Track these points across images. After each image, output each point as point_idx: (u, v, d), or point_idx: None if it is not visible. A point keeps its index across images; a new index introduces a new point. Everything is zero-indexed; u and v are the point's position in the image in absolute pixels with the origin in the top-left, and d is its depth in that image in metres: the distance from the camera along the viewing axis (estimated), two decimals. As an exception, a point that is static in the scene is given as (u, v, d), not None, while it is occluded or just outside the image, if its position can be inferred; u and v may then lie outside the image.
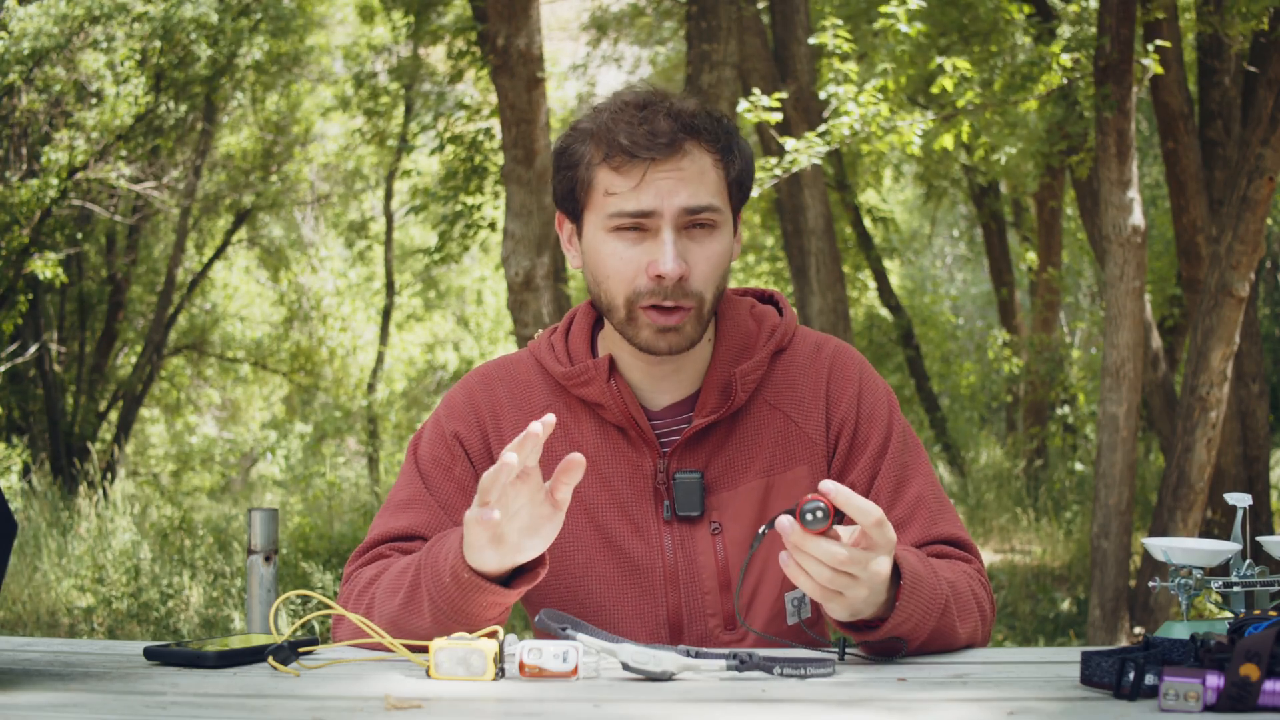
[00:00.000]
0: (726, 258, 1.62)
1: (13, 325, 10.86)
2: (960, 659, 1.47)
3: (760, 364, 1.67)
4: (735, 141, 1.63)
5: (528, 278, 6.83)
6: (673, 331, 1.59)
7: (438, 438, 1.70)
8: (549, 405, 1.69)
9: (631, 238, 1.58)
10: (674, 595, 1.65)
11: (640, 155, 1.55)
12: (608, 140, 1.57)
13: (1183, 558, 1.44)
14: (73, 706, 1.18)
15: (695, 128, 1.58)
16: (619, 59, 14.03)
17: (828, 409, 1.69)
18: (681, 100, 1.61)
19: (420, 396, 18.04)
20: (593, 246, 1.62)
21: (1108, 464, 6.33)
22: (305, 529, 8.38)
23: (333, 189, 16.04)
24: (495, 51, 6.90)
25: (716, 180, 1.60)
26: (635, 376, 1.68)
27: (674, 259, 1.55)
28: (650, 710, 1.19)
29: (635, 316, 1.59)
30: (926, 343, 13.55)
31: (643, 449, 1.66)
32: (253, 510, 1.98)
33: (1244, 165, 6.03)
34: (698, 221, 1.58)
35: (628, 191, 1.56)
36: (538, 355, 1.73)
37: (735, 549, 1.64)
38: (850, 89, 6.13)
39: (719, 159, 1.61)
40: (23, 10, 9.72)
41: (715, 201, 1.59)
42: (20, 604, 7.42)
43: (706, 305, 1.60)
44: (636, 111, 1.58)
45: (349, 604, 1.59)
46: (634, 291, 1.58)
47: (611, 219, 1.58)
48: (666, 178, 1.56)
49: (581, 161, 1.61)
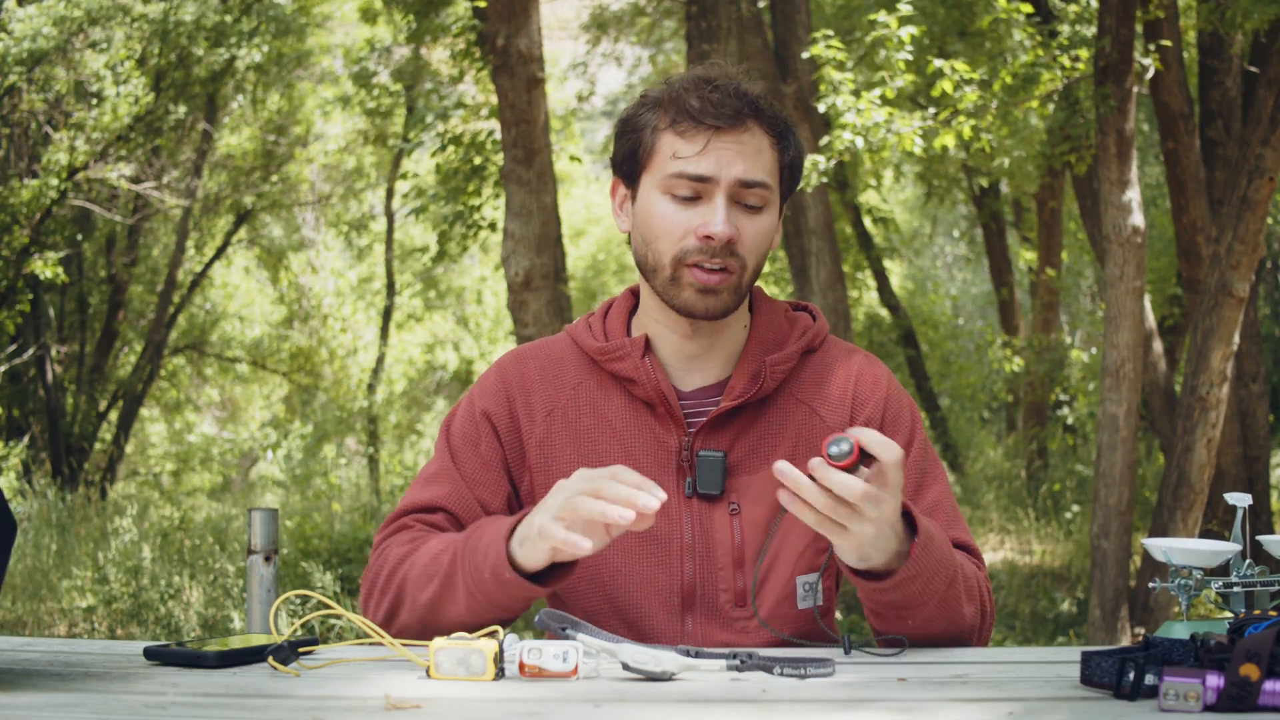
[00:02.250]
0: (770, 236, 1.70)
1: (13, 325, 10.87)
2: (960, 659, 1.47)
3: (791, 356, 1.74)
4: (791, 132, 1.72)
5: (528, 278, 6.83)
6: (712, 294, 1.65)
7: (468, 415, 1.78)
8: (580, 382, 1.76)
9: (685, 202, 1.65)
10: (689, 568, 1.69)
11: (706, 122, 1.63)
12: (677, 105, 1.65)
13: (1183, 559, 1.44)
14: (73, 706, 1.18)
15: (759, 108, 1.67)
16: (619, 59, 14.03)
17: (853, 409, 1.75)
18: (750, 82, 1.70)
19: (420, 396, 18.06)
20: (645, 207, 1.69)
21: (1108, 464, 6.33)
22: (305, 529, 8.38)
23: (333, 189, 16.04)
24: (495, 51, 6.89)
25: (772, 161, 1.68)
26: (667, 355, 1.75)
27: (724, 221, 1.62)
28: (650, 710, 1.19)
29: (680, 276, 1.66)
30: (926, 343, 13.56)
31: (670, 425, 1.71)
32: (253, 510, 1.98)
33: (1244, 165, 6.03)
34: (749, 196, 1.65)
35: (691, 156, 1.64)
36: (574, 335, 1.80)
37: (752, 530, 1.69)
38: (848, 99, 6.14)
39: (776, 142, 1.69)
40: (22, 11, 9.72)
41: (768, 180, 1.67)
42: (20, 604, 7.43)
43: (747, 274, 1.68)
44: (707, 83, 1.66)
45: (378, 582, 1.64)
46: (681, 250, 1.65)
47: (670, 180, 1.65)
48: (728, 148, 1.64)
49: (648, 126, 1.68)
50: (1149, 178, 12.68)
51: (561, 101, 14.75)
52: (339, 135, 14.66)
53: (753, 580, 1.65)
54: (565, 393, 1.76)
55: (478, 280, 18.76)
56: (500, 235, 7.97)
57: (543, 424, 1.75)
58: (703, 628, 1.69)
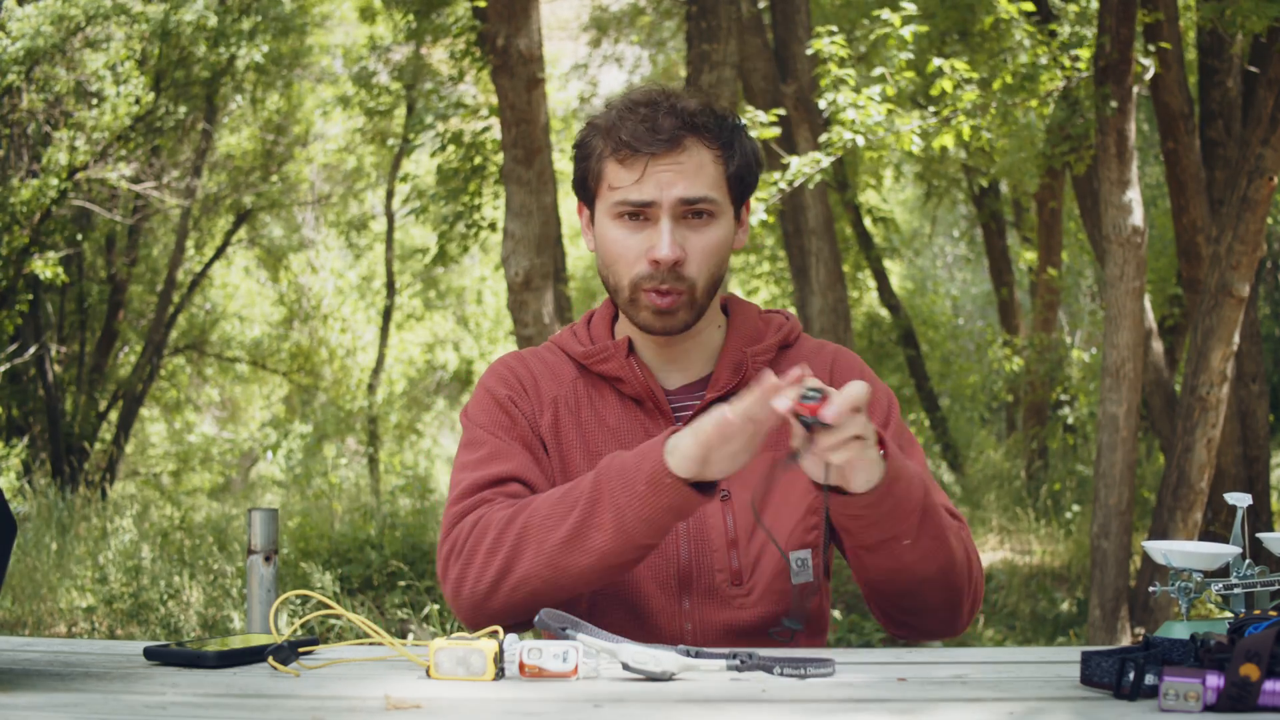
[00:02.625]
0: (724, 246, 1.75)
1: (13, 325, 10.87)
2: (960, 659, 1.47)
3: (770, 348, 1.81)
4: (737, 138, 1.76)
5: (528, 278, 6.83)
6: (667, 314, 1.72)
7: (493, 404, 1.81)
8: (576, 378, 1.82)
9: (634, 225, 1.71)
10: (685, 551, 1.75)
11: (642, 150, 1.69)
12: (614, 136, 1.71)
13: (1183, 561, 1.44)
14: (73, 706, 1.18)
15: (695, 125, 1.71)
16: (619, 59, 14.04)
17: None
18: (686, 99, 1.74)
19: (420, 396, 18.06)
20: (600, 232, 1.76)
21: (1108, 464, 6.32)
22: (305, 529, 8.38)
23: (333, 189, 16.04)
24: (495, 51, 6.89)
25: (715, 174, 1.72)
26: (649, 356, 1.82)
27: (670, 245, 1.69)
28: (650, 710, 1.19)
29: (637, 298, 1.73)
30: (926, 343, 13.56)
31: (659, 419, 1.78)
32: (253, 510, 1.98)
33: (1244, 165, 6.02)
34: (695, 210, 1.70)
35: (630, 184, 1.70)
36: (560, 343, 1.87)
37: (743, 515, 1.76)
38: (849, 95, 6.13)
39: (719, 154, 1.73)
40: (21, 11, 9.72)
41: (712, 194, 1.71)
42: (20, 604, 7.43)
43: (699, 290, 1.73)
44: (642, 109, 1.71)
45: (484, 542, 1.63)
46: (636, 275, 1.72)
47: (615, 207, 1.72)
48: (666, 170, 1.69)
49: (593, 154, 1.75)
50: (1149, 178, 12.67)
51: (562, 102, 14.75)
52: (339, 135, 14.66)
53: (760, 521, 1.73)
54: (565, 386, 1.82)
55: (478, 280, 18.76)
56: (500, 235, 7.97)
57: (550, 412, 1.80)
58: (700, 608, 1.73)
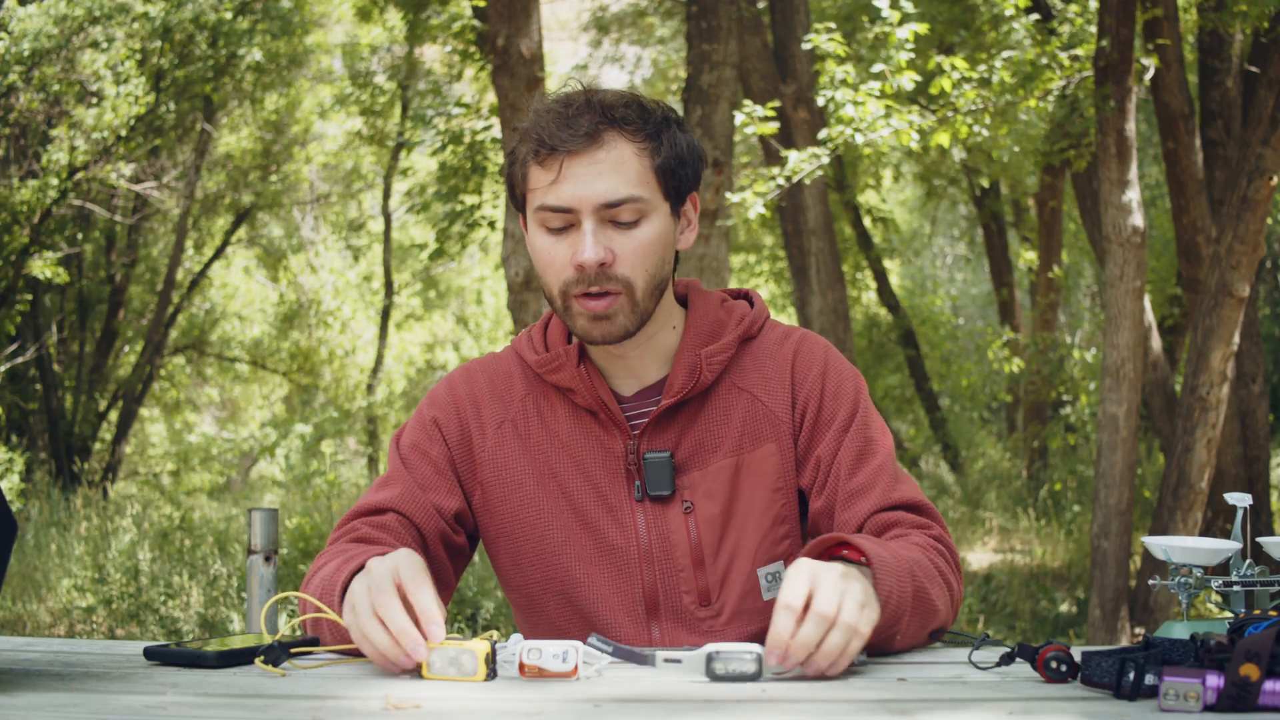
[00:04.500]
0: (659, 244, 1.64)
1: (13, 325, 10.86)
2: (961, 659, 1.47)
3: (727, 346, 1.71)
4: (666, 129, 1.64)
5: (528, 278, 6.83)
6: (604, 319, 1.62)
7: (418, 425, 1.77)
8: (527, 393, 1.75)
9: (558, 232, 1.62)
10: (649, 573, 1.68)
11: (558, 148, 1.59)
12: (534, 136, 1.62)
13: (1183, 556, 1.44)
14: (73, 706, 1.18)
15: (614, 118, 1.61)
16: (619, 59, 14.03)
17: (793, 388, 1.73)
18: (606, 94, 1.64)
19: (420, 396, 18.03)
20: (530, 241, 1.68)
21: (1108, 464, 6.33)
22: (305, 529, 8.38)
23: (332, 189, 16.05)
24: (495, 51, 6.89)
25: (639, 169, 1.61)
26: (603, 362, 1.73)
27: (591, 248, 1.59)
28: (650, 710, 1.19)
29: (570, 306, 1.64)
30: (926, 343, 13.57)
31: (613, 431, 1.70)
32: (253, 510, 1.98)
33: (1244, 165, 6.03)
34: (619, 214, 1.60)
35: (548, 186, 1.60)
36: (517, 348, 1.79)
37: (707, 527, 1.68)
38: (848, 92, 6.13)
39: (643, 146, 1.62)
40: (22, 10, 9.72)
41: (636, 191, 1.61)
42: (20, 604, 7.43)
43: (638, 291, 1.63)
44: (560, 108, 1.62)
45: (310, 575, 1.61)
46: (564, 282, 1.63)
47: (538, 214, 1.63)
48: (583, 170, 1.59)
49: (517, 159, 1.66)
50: (1149, 178, 12.68)
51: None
52: (337, 135, 14.66)
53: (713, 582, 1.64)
54: (514, 405, 1.75)
55: (477, 280, 18.76)
56: (500, 235, 7.97)
57: (494, 437, 1.74)
58: (670, 632, 1.68)
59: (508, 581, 1.78)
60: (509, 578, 1.77)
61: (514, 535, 1.73)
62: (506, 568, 1.77)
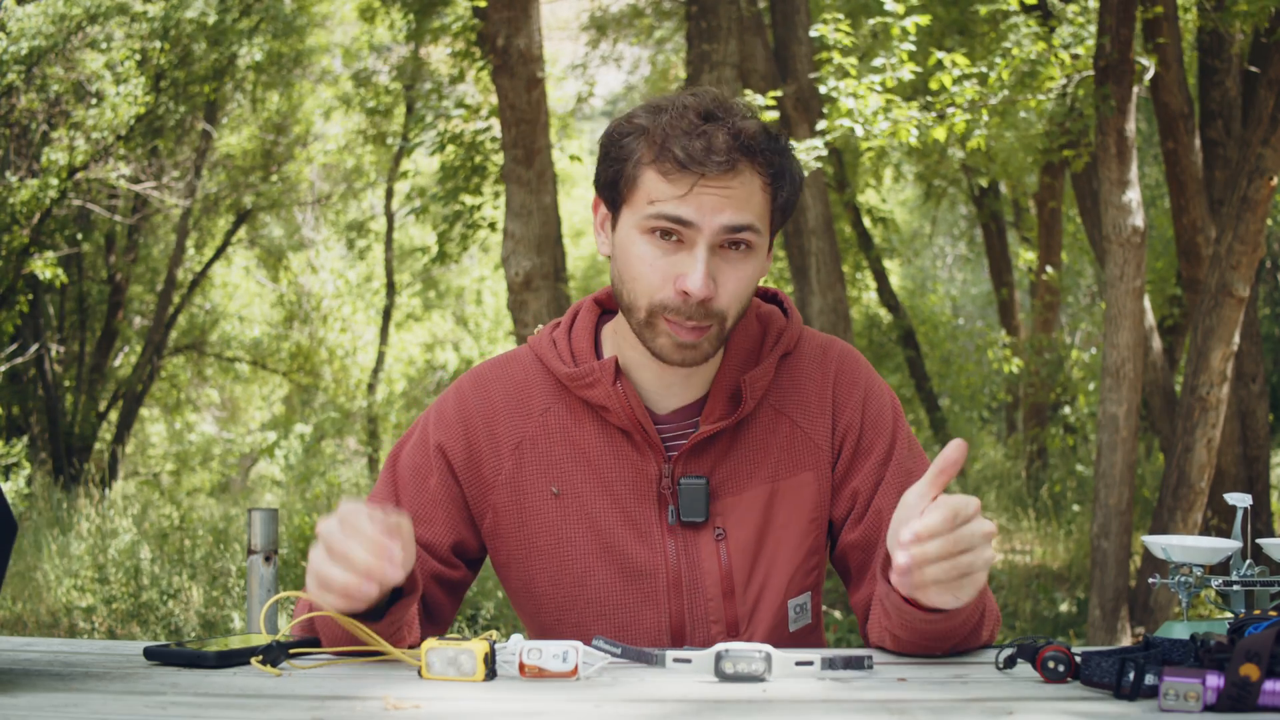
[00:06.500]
0: (756, 279, 1.59)
1: (13, 325, 10.87)
2: (961, 659, 1.47)
3: (768, 370, 1.65)
4: (788, 165, 1.59)
5: (528, 278, 6.83)
6: (690, 348, 1.56)
7: (421, 448, 1.68)
8: (549, 407, 1.66)
9: (665, 244, 1.54)
10: (676, 602, 1.63)
11: (692, 169, 1.51)
12: (662, 145, 1.52)
13: (1183, 555, 1.44)
14: (73, 706, 1.18)
15: (752, 149, 1.53)
16: (619, 59, 14.03)
17: (834, 415, 1.68)
18: (742, 116, 1.56)
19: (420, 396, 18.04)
20: (624, 244, 1.58)
21: (1108, 464, 6.32)
22: (305, 529, 8.38)
23: (333, 189, 16.05)
24: (495, 51, 6.89)
25: (762, 203, 1.56)
26: (642, 378, 1.65)
27: (703, 279, 1.51)
28: (650, 710, 1.19)
29: (655, 324, 1.56)
30: (926, 343, 13.57)
31: (647, 453, 1.62)
32: (253, 510, 1.98)
33: (1244, 165, 6.03)
34: (735, 240, 1.54)
35: (672, 199, 1.52)
36: (539, 353, 1.69)
37: (739, 555, 1.63)
38: (850, 83, 6.12)
39: (768, 182, 1.56)
40: (21, 10, 9.72)
41: (757, 223, 1.55)
42: (20, 604, 7.42)
43: (728, 324, 1.57)
44: (697, 122, 1.53)
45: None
46: (658, 300, 1.54)
47: (650, 219, 1.53)
48: (714, 194, 1.52)
49: (630, 157, 1.55)
50: (1149, 178, 12.68)
51: (561, 101, 14.74)
52: (338, 135, 14.66)
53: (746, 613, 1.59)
54: (533, 421, 1.65)
55: (477, 280, 18.76)
56: (500, 235, 7.97)
57: (511, 458, 1.64)
58: None
59: (520, 606, 1.71)
60: (521, 603, 1.70)
61: (527, 564, 1.66)
62: (519, 593, 1.69)
